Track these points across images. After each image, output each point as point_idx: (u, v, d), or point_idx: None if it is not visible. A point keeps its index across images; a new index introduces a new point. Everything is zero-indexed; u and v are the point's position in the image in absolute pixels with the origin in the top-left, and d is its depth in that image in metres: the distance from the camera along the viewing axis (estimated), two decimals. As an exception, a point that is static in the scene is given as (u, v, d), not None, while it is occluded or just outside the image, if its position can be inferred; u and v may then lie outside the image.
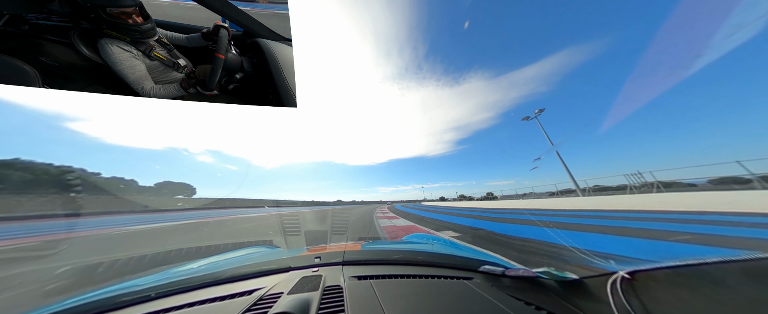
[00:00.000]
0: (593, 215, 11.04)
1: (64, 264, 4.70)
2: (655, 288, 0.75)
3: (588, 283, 0.94)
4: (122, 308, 0.98)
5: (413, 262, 1.46)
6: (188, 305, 0.97)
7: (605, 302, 0.80)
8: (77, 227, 14.31)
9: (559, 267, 1.10)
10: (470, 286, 1.10)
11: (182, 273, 1.40)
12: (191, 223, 13.31)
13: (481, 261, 1.40)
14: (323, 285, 1.07)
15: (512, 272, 1.20)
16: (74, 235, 10.21)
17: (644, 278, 0.77)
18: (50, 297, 3.35)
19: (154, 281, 1.23)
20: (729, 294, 0.62)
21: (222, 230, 10.38)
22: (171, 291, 1.10)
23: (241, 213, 24.02)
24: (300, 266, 1.38)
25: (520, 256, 4.35)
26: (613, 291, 0.80)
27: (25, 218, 30.43)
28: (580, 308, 0.92)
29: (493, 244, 5.89)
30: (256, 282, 1.20)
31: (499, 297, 0.97)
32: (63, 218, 25.10)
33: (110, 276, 4.16)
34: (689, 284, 0.70)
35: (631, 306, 0.75)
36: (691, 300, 0.68)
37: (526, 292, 1.06)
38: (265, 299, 0.98)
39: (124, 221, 15.80)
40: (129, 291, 1.08)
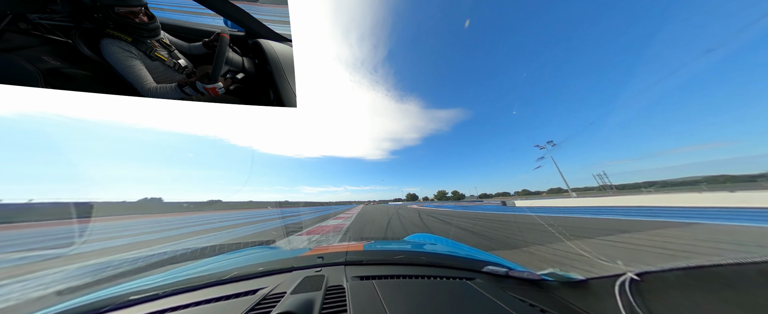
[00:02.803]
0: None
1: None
2: (665, 290, 0.72)
3: (595, 284, 0.92)
4: (130, 306, 1.01)
5: (416, 262, 1.45)
6: (194, 304, 0.99)
7: (613, 304, 0.78)
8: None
9: (564, 268, 1.08)
10: (473, 287, 1.08)
11: (187, 272, 1.42)
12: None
13: (484, 261, 1.39)
14: (326, 285, 1.07)
15: (516, 273, 1.18)
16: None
17: (654, 279, 0.75)
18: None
19: (161, 280, 1.25)
20: (745, 297, 0.59)
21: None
22: (177, 290, 1.12)
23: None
24: (303, 266, 1.38)
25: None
26: (621, 292, 0.78)
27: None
28: (586, 310, 0.89)
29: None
30: (260, 281, 1.20)
31: (503, 298, 0.95)
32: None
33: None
34: (703, 286, 0.67)
35: (641, 309, 0.72)
36: (705, 303, 0.65)
37: (530, 293, 1.04)
38: (268, 298, 0.99)
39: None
40: (136, 289, 1.11)
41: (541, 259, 4.58)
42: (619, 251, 5.14)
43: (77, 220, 24.79)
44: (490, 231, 8.57)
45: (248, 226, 13.84)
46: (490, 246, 6.05)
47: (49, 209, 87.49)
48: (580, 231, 8.10)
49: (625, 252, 4.97)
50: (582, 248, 5.67)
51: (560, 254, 4.92)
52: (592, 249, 5.39)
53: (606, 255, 4.78)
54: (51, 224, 29.45)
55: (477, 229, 9.28)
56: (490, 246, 6.17)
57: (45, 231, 18.38)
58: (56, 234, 15.38)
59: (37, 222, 30.61)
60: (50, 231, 17.78)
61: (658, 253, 4.81)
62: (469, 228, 9.58)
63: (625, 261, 4.50)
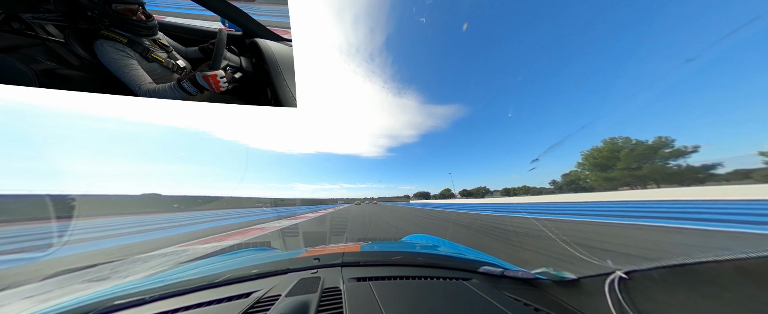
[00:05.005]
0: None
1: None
2: (651, 288, 0.75)
3: (586, 283, 0.95)
4: (115, 312, 0.96)
5: (412, 263, 1.46)
6: (184, 308, 0.95)
7: (603, 301, 0.81)
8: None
9: (557, 267, 1.11)
10: (469, 287, 1.10)
11: (178, 275, 1.37)
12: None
13: (480, 262, 1.40)
14: (322, 286, 1.07)
15: (511, 273, 1.20)
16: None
17: (641, 277, 0.78)
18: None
19: (149, 284, 1.20)
20: (723, 293, 0.63)
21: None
22: (166, 295, 1.08)
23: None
24: (298, 268, 1.37)
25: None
26: (610, 290, 0.81)
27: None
28: (578, 308, 0.92)
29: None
30: (254, 284, 1.19)
31: (498, 298, 0.97)
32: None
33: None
34: (685, 283, 0.70)
35: (629, 306, 0.75)
36: (688, 300, 0.69)
37: (524, 293, 1.07)
38: (262, 301, 0.97)
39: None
40: (122, 294, 1.05)
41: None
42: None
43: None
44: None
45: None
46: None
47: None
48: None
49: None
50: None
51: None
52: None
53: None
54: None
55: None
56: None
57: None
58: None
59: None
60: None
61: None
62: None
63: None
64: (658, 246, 5.25)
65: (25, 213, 51.01)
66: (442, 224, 10.97)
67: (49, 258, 6.50)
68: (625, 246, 5.31)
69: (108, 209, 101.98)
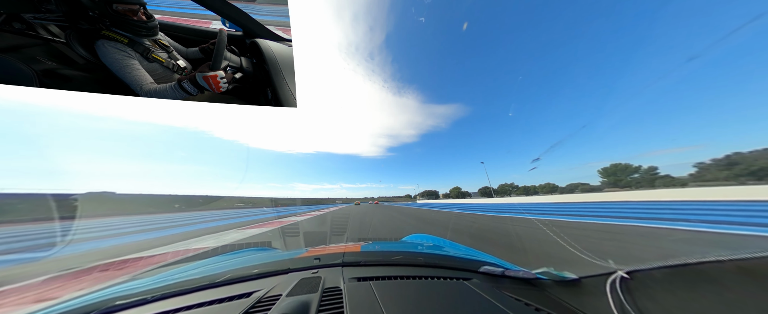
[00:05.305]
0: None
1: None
2: (653, 288, 0.75)
3: (587, 283, 0.94)
4: (116, 312, 0.96)
5: (413, 263, 1.46)
6: (185, 308, 0.96)
7: (604, 301, 0.81)
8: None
9: (558, 267, 1.10)
10: (470, 287, 1.10)
11: (178, 275, 1.38)
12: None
13: (480, 261, 1.40)
14: (322, 286, 1.06)
15: (512, 273, 1.20)
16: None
17: (643, 277, 0.78)
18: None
19: (150, 284, 1.20)
20: (725, 293, 0.62)
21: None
22: (167, 294, 1.08)
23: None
24: (299, 268, 1.37)
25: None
26: (612, 290, 0.80)
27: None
28: (579, 308, 0.92)
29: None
30: (255, 284, 1.19)
31: (498, 298, 0.97)
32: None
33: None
34: (687, 283, 0.70)
35: (630, 306, 0.75)
36: (689, 299, 0.68)
37: (525, 292, 1.06)
38: (263, 301, 0.97)
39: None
40: (123, 293, 1.05)
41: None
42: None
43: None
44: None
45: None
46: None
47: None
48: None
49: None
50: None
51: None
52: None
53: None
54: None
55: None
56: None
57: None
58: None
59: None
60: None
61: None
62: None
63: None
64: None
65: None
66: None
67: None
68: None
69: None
